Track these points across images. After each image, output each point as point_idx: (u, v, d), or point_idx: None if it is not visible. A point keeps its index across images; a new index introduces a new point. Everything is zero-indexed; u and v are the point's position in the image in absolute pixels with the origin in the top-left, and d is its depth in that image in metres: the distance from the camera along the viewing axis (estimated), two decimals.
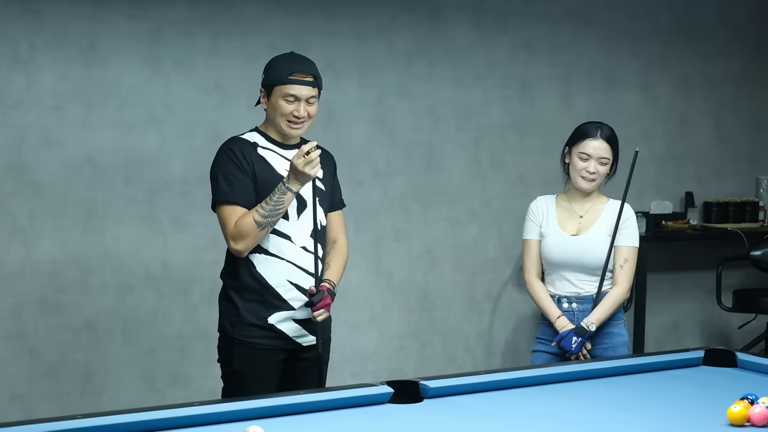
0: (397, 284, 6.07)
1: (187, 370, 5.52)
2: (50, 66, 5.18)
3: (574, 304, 4.12)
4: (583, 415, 3.09)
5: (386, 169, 5.99)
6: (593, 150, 4.08)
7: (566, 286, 4.14)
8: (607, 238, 4.10)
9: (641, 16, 6.65)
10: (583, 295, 4.12)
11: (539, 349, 4.18)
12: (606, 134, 4.12)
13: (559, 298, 4.14)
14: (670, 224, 6.64)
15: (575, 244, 4.10)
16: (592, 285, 4.11)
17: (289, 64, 3.78)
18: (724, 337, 7.01)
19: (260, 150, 3.81)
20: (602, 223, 4.13)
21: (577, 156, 4.10)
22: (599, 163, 4.09)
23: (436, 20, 6.05)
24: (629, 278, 4.14)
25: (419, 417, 3.05)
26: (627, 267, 4.12)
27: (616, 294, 4.10)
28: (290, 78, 3.74)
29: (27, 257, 5.19)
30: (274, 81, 3.77)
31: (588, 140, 4.10)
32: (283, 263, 3.78)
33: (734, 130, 7.02)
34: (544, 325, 4.19)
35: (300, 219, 3.81)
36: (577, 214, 4.15)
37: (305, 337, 3.84)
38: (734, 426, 2.92)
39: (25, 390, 5.22)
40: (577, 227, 4.13)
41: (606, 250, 4.08)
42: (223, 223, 3.77)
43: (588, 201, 4.15)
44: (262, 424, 2.80)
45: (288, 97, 3.74)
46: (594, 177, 4.09)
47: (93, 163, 5.29)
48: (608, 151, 4.10)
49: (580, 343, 4.01)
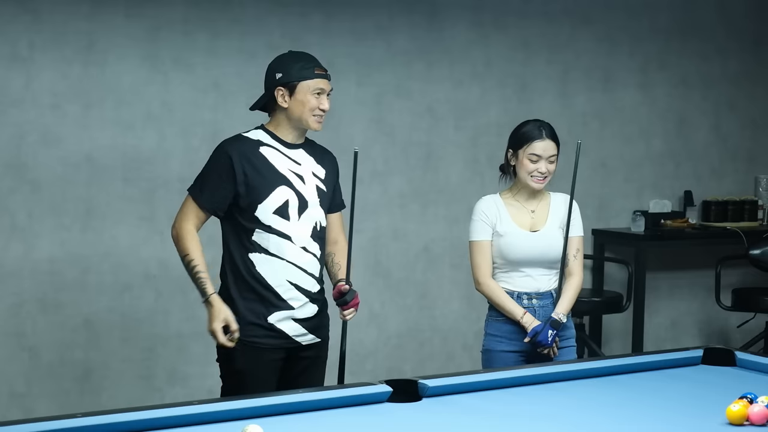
0: (396, 283, 6.08)
1: (186, 369, 5.52)
2: (49, 65, 5.18)
3: (534, 300, 4.12)
4: (582, 414, 3.09)
5: (384, 167, 5.99)
6: (542, 151, 4.10)
7: (526, 282, 4.14)
8: (559, 231, 4.15)
9: (640, 15, 6.65)
10: (543, 290, 4.14)
11: (504, 349, 4.13)
12: (549, 132, 4.15)
13: (518, 295, 4.13)
14: (668, 223, 6.65)
15: (537, 241, 4.13)
16: (550, 279, 4.14)
17: (307, 60, 3.84)
18: (722, 336, 7.02)
19: (263, 148, 3.81)
20: (554, 217, 4.18)
21: (527, 158, 4.12)
22: (548, 162, 4.12)
23: (435, 19, 6.05)
24: (582, 267, 4.23)
25: (418, 416, 3.05)
26: (579, 256, 4.19)
27: (576, 284, 4.16)
28: (316, 72, 3.80)
29: (26, 256, 5.19)
30: (300, 77, 3.79)
31: (535, 142, 4.11)
32: (283, 263, 3.79)
33: (733, 129, 7.03)
34: (498, 322, 4.15)
35: (301, 219, 3.81)
36: (528, 210, 4.18)
37: (305, 336, 3.84)
38: (733, 425, 2.92)
39: (25, 389, 5.22)
40: (531, 223, 4.16)
41: (562, 244, 4.13)
42: (181, 211, 3.85)
43: (535, 197, 4.19)
44: (261, 423, 2.80)
45: (316, 91, 3.79)
46: (546, 176, 4.13)
47: (92, 162, 5.29)
48: (554, 148, 4.13)
49: (555, 335, 4.04)
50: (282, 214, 3.78)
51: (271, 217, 3.76)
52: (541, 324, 4.04)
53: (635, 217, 6.57)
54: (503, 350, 4.13)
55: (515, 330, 4.11)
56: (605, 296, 6.31)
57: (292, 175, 3.81)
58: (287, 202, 3.78)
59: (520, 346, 4.10)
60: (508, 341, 4.13)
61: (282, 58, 3.87)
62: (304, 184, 3.83)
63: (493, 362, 4.12)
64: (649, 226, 6.60)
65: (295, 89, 3.78)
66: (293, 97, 3.79)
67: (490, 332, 4.18)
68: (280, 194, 3.77)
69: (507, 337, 4.13)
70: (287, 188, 3.79)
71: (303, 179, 3.83)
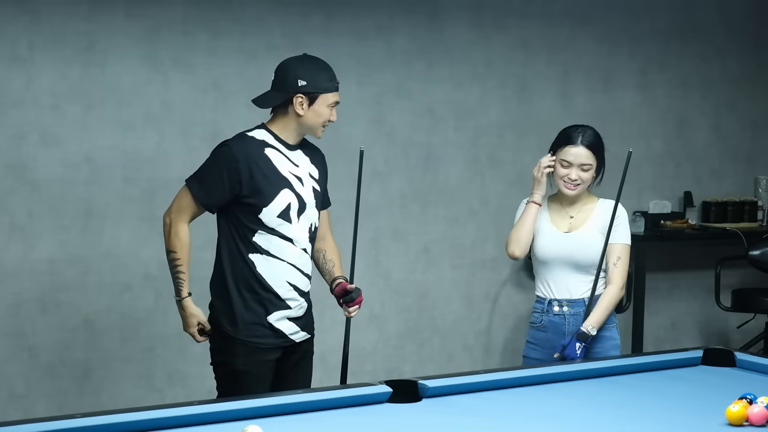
0: (396, 283, 6.08)
1: (186, 369, 5.52)
2: (49, 65, 5.18)
3: (566, 308, 4.04)
4: (582, 415, 3.09)
5: (385, 168, 5.99)
6: (574, 157, 4.03)
7: (558, 288, 4.06)
8: (599, 236, 4.04)
9: (640, 16, 6.65)
10: (575, 298, 4.04)
11: (536, 357, 4.08)
12: (588, 140, 4.06)
13: (550, 302, 4.07)
14: (668, 224, 6.65)
15: (568, 241, 4.05)
16: (584, 287, 4.05)
17: (327, 71, 3.83)
18: (722, 337, 7.02)
19: (267, 150, 3.80)
20: (594, 222, 4.08)
21: (559, 163, 4.06)
22: (581, 170, 4.03)
23: (435, 20, 6.05)
24: (623, 276, 4.06)
25: (418, 416, 3.05)
26: (620, 265, 4.05)
27: (611, 293, 4.02)
28: (335, 85, 3.82)
29: (26, 256, 5.18)
30: (324, 89, 3.79)
31: (569, 147, 4.05)
32: (283, 264, 3.79)
33: (733, 130, 7.03)
34: (533, 329, 4.13)
35: (300, 221, 3.81)
36: (568, 214, 4.11)
37: (298, 334, 3.88)
38: (733, 425, 2.93)
39: (24, 389, 5.22)
40: (568, 225, 4.08)
41: (598, 248, 4.02)
42: (176, 201, 3.88)
43: (578, 201, 4.11)
44: (261, 423, 2.80)
45: (333, 104, 3.82)
46: (576, 183, 4.04)
47: (91, 162, 5.29)
48: (590, 158, 4.04)
49: (583, 349, 3.92)
50: (285, 217, 3.78)
51: (275, 221, 3.76)
52: (568, 338, 3.96)
53: (635, 217, 6.57)
54: (537, 358, 4.08)
55: (548, 338, 4.05)
56: None
57: (292, 177, 3.81)
58: (289, 205, 3.78)
59: (552, 354, 4.00)
60: (542, 349, 4.07)
61: (305, 65, 3.81)
62: (302, 185, 3.83)
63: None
64: (649, 226, 6.60)
65: (316, 100, 3.78)
66: (312, 106, 3.78)
67: (528, 339, 4.16)
68: (283, 198, 3.77)
69: (541, 345, 4.09)
70: (289, 191, 3.79)
71: (302, 181, 3.84)
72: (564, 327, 4.04)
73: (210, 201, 3.80)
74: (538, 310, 4.12)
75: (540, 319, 4.10)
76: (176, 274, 3.85)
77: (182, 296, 3.86)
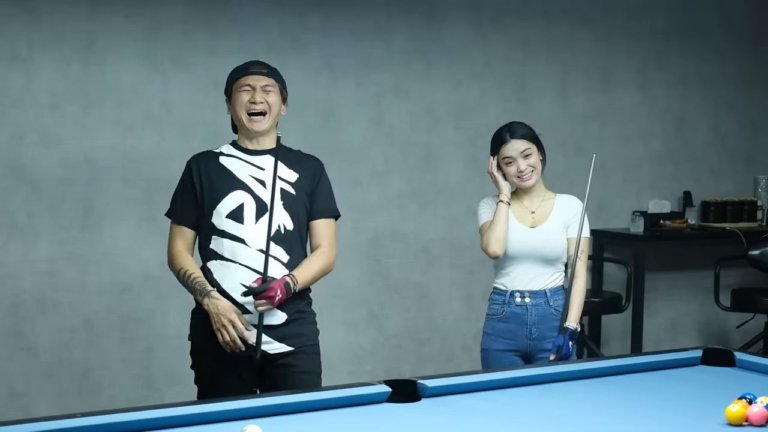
0: (395, 283, 6.08)
1: (185, 369, 5.48)
2: (48, 65, 5.18)
3: (527, 299, 4.14)
4: (581, 415, 3.09)
5: (384, 168, 5.99)
6: (513, 151, 4.15)
7: (521, 280, 4.16)
8: (563, 230, 4.16)
9: (639, 16, 6.65)
10: (536, 289, 4.15)
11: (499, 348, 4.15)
12: (517, 132, 4.19)
13: (512, 293, 4.16)
14: (668, 223, 6.65)
15: (535, 236, 4.15)
16: (544, 279, 4.15)
17: (245, 64, 3.91)
18: (722, 337, 7.02)
19: (222, 158, 3.84)
20: (555, 217, 4.19)
21: (504, 164, 4.18)
22: (524, 158, 4.15)
23: (434, 20, 6.05)
24: (585, 269, 4.22)
25: (417, 416, 3.05)
26: (584, 257, 4.18)
27: (581, 287, 4.15)
28: (246, 71, 3.84)
29: (25, 256, 5.19)
30: (233, 79, 3.86)
31: (503, 146, 4.17)
32: (236, 267, 3.74)
33: (732, 130, 7.03)
34: (493, 321, 4.19)
35: (258, 223, 3.75)
36: (529, 210, 4.21)
37: (270, 345, 3.74)
38: (732, 425, 2.92)
39: (24, 389, 5.22)
40: (532, 221, 4.19)
41: (563, 242, 4.15)
42: (169, 238, 3.87)
43: (536, 197, 4.23)
44: (261, 423, 2.80)
45: (244, 87, 3.81)
46: (528, 171, 4.15)
47: (91, 162, 5.29)
48: (526, 143, 4.16)
49: (574, 346, 4.08)
50: (236, 217, 3.75)
51: (224, 221, 3.75)
52: (561, 337, 4.05)
53: (634, 217, 6.57)
54: (498, 349, 4.16)
55: (510, 329, 4.15)
56: (604, 297, 6.31)
57: (251, 180, 3.79)
58: (242, 206, 3.75)
59: (515, 345, 4.14)
60: (503, 340, 4.16)
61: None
62: (265, 188, 3.78)
63: (490, 361, 4.16)
64: (649, 226, 6.60)
65: (232, 93, 3.85)
66: (230, 100, 3.86)
67: (487, 331, 4.22)
68: (234, 198, 3.76)
69: (502, 336, 4.16)
70: (244, 192, 3.77)
71: (264, 184, 3.79)
72: (526, 317, 4.14)
73: (186, 218, 3.83)
74: (498, 302, 4.20)
75: (501, 311, 4.18)
76: (194, 281, 3.76)
77: (208, 290, 3.72)
